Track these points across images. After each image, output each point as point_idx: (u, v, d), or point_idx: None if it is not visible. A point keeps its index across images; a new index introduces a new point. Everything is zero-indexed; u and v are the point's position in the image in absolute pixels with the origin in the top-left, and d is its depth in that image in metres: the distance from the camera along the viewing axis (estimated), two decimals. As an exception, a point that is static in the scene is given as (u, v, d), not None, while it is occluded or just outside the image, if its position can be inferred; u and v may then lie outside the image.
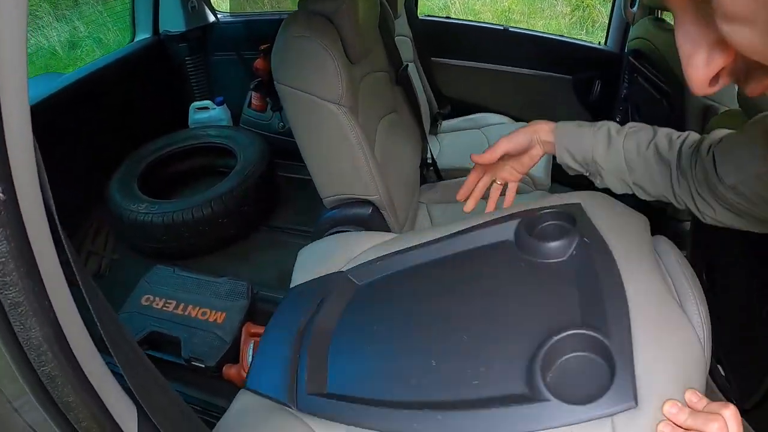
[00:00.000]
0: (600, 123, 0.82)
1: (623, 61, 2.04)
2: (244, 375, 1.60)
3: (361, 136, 1.24)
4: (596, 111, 2.23)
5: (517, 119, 2.19)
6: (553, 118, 0.86)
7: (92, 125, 2.31)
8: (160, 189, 2.34)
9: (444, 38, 2.34)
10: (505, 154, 0.87)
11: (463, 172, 1.82)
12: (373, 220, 1.33)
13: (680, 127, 1.50)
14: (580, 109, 2.24)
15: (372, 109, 1.43)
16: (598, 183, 0.85)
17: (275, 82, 1.24)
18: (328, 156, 1.28)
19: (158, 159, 2.35)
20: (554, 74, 2.24)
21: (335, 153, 1.26)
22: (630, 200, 0.80)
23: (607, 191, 0.81)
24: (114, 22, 5.13)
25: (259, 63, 2.48)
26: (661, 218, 1.76)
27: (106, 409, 0.46)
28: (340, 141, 1.24)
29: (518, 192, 0.94)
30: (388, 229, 1.37)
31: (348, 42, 1.25)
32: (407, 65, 1.71)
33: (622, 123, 0.82)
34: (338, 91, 1.19)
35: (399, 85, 1.68)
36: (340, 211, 1.35)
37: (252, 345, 1.63)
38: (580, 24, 4.53)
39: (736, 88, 1.58)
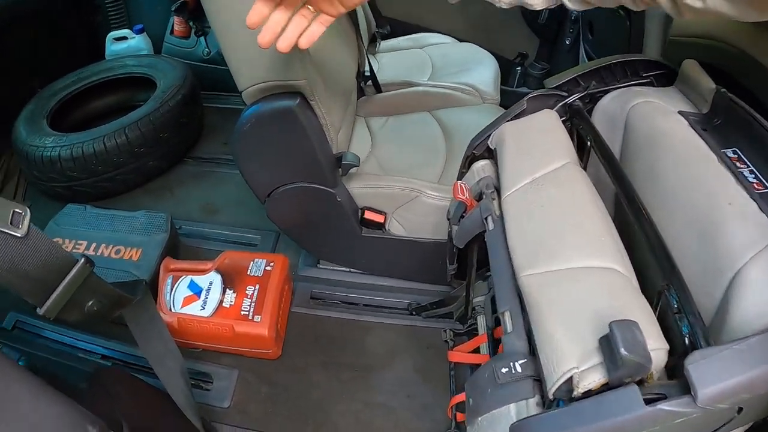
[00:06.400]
0: None
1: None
2: (165, 317, 1.41)
3: (284, 9, 1.07)
4: (545, 34, 2.12)
5: (461, 40, 2.03)
6: (500, 41, 0.71)
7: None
8: (77, 128, 2.08)
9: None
10: None
11: (404, 86, 1.69)
12: (302, 113, 1.16)
13: (639, 38, 1.42)
14: (528, 32, 2.13)
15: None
16: None
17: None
18: (250, 34, 1.10)
19: (72, 94, 2.09)
20: (502, -4, 2.10)
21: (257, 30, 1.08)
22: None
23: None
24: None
25: (181, -18, 2.23)
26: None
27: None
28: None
29: (465, 104, 0.75)
30: (319, 126, 1.21)
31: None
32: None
33: (572, 46, 0.66)
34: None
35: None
36: (263, 104, 1.17)
37: (170, 282, 1.44)
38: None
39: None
